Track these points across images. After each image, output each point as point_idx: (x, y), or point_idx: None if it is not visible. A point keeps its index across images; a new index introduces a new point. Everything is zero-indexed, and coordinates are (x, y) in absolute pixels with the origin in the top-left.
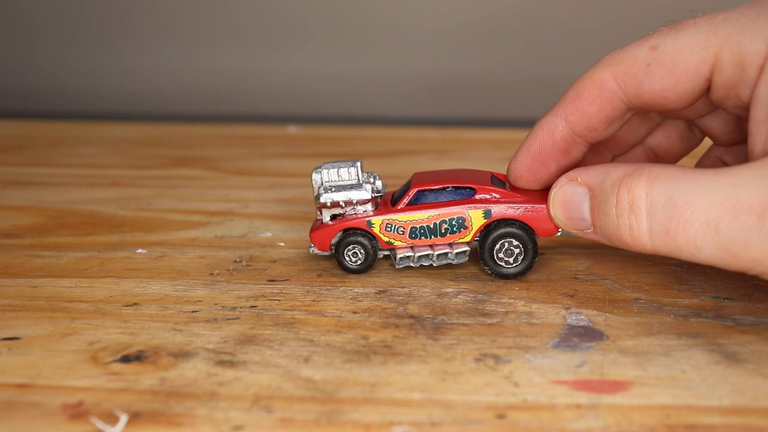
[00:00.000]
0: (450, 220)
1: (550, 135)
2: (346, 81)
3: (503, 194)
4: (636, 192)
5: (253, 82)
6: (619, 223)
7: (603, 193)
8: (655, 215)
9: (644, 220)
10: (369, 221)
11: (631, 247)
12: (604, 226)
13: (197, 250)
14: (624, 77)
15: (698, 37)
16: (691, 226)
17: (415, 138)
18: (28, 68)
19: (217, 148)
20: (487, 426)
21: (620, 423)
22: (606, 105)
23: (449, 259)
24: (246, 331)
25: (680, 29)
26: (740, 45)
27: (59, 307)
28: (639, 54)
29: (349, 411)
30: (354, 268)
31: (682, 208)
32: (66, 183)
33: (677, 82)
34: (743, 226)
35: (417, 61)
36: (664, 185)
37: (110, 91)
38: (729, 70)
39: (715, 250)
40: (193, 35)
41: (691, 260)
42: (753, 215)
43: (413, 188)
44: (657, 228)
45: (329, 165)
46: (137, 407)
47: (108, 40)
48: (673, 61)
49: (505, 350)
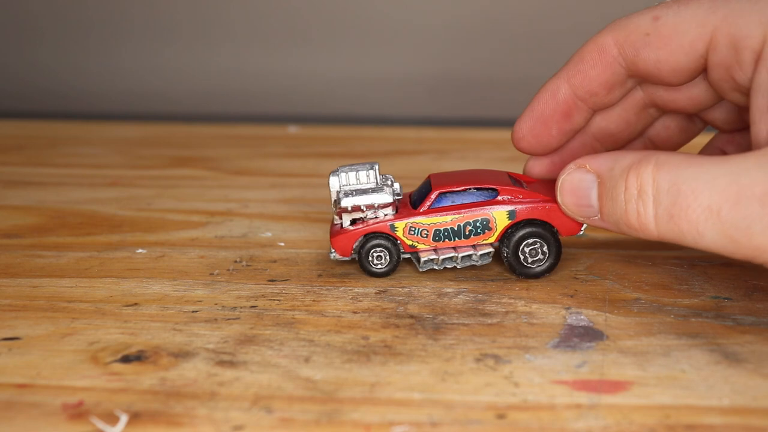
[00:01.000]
0: (474, 222)
1: (553, 97)
2: (346, 81)
3: (525, 194)
4: (644, 178)
5: (253, 82)
6: (628, 208)
7: (612, 179)
8: (661, 201)
9: (650, 206)
10: (392, 225)
11: (638, 232)
12: (612, 212)
13: (197, 250)
14: (624, 43)
15: (698, 13)
16: (693, 211)
17: (415, 138)
18: (28, 68)
19: (217, 148)
20: (487, 426)
21: (620, 423)
22: (606, 69)
23: (473, 261)
24: (246, 331)
25: (683, 3)
26: (736, 27)
27: (59, 307)
28: (641, 22)
29: (349, 411)
30: (378, 271)
31: (685, 194)
32: (66, 183)
33: (672, 56)
34: (745, 212)
35: (417, 61)
36: (669, 171)
37: (110, 91)
38: (724, 50)
39: (718, 236)
40: (193, 35)
41: (695, 246)
42: (755, 202)
43: (435, 190)
44: (662, 213)
45: (347, 168)
46: (137, 407)
47: (108, 40)
48: (670, 34)
49: (505, 350)
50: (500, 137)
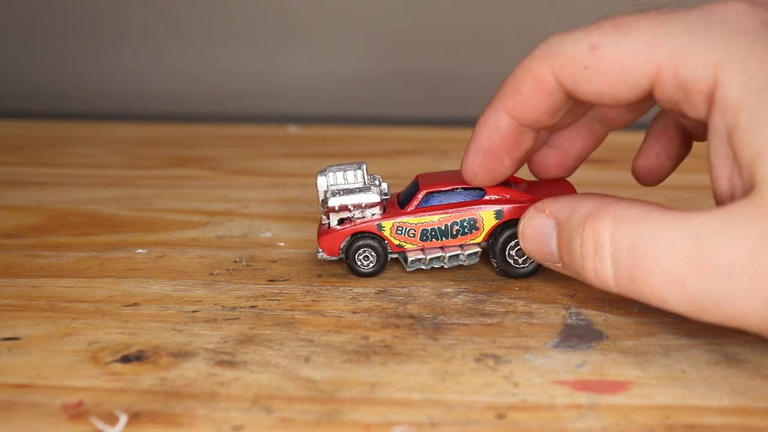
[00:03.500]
0: (462, 222)
1: (496, 131)
2: (346, 81)
3: (513, 194)
4: (600, 234)
5: (253, 82)
6: (584, 264)
7: (569, 230)
8: (620, 261)
9: (609, 265)
10: (379, 224)
11: (598, 287)
12: (571, 264)
13: (197, 250)
14: (561, 75)
15: (639, 47)
16: (655, 276)
17: (415, 138)
18: (28, 68)
19: (217, 148)
20: (487, 426)
21: (620, 423)
22: (546, 98)
23: (461, 261)
24: (246, 331)
25: (623, 32)
26: (683, 68)
27: (59, 307)
28: (578, 52)
29: (349, 411)
30: (365, 271)
31: (646, 257)
32: (66, 183)
33: (614, 90)
34: (711, 284)
35: (417, 61)
36: (628, 228)
37: (110, 91)
38: (670, 90)
39: (684, 304)
40: (193, 35)
41: (662, 308)
42: (721, 273)
43: (422, 190)
44: (622, 275)
45: (335, 168)
46: (137, 407)
47: (108, 40)
48: (610, 70)
49: (505, 350)
50: None
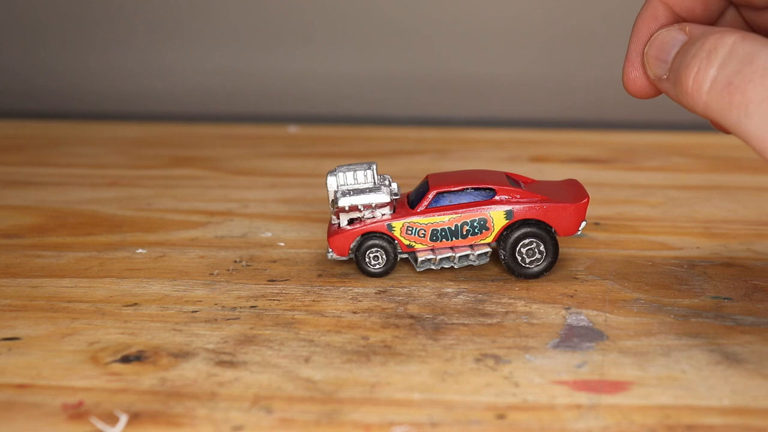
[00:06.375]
0: (472, 222)
1: (654, 19)
2: (346, 81)
3: (523, 194)
4: (724, 40)
5: (253, 82)
6: (691, 62)
7: (695, 38)
8: (728, 65)
9: (714, 67)
10: (389, 225)
11: (688, 95)
12: (677, 66)
13: (197, 250)
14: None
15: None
16: (754, 86)
17: (415, 138)
18: (28, 68)
19: (217, 148)
20: (487, 426)
21: (620, 423)
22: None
23: (471, 261)
24: (246, 331)
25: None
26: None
27: (59, 307)
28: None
29: (349, 411)
30: (375, 271)
31: (756, 67)
32: (66, 183)
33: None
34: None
35: (417, 61)
36: (753, 44)
37: (110, 91)
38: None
39: (762, 130)
40: (193, 35)
41: (735, 128)
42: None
43: (432, 190)
44: (721, 78)
45: (345, 168)
46: (137, 407)
47: (108, 40)
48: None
49: (505, 350)
50: (500, 137)
